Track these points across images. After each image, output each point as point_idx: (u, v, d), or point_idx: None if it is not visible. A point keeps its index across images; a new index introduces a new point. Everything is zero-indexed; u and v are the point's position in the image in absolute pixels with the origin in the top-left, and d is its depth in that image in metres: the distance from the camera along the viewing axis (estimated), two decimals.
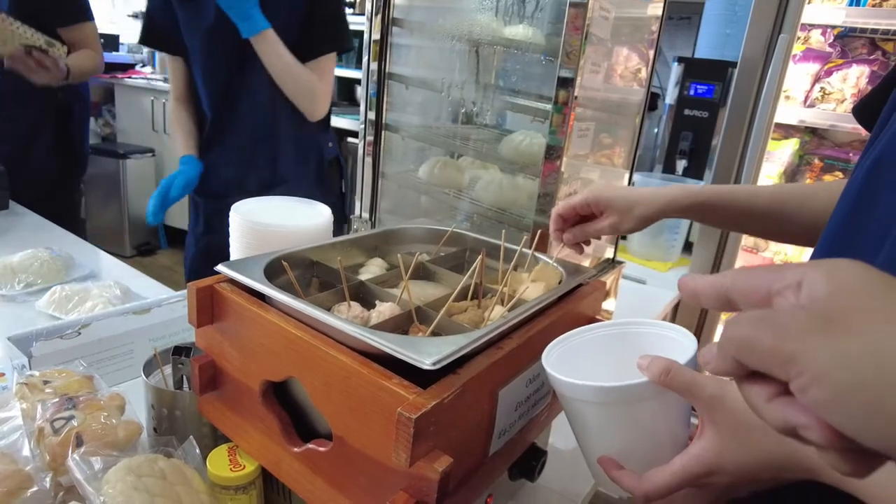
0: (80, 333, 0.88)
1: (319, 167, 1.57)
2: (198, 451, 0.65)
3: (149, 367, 0.75)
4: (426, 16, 1.06)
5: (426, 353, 0.47)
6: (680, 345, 0.52)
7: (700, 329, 1.97)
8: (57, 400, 0.66)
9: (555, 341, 0.57)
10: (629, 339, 0.57)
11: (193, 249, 1.61)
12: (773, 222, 0.71)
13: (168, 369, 0.76)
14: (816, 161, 1.93)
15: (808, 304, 0.27)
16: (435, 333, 0.59)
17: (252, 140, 1.45)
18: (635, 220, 0.73)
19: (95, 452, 0.60)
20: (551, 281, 0.71)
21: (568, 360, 0.55)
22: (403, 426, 0.43)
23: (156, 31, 1.45)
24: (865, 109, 0.60)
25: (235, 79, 1.38)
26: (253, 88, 1.38)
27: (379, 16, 1.03)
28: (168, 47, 1.45)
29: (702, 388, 0.44)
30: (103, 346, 0.91)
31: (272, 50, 1.29)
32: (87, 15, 1.97)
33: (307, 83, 1.36)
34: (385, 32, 1.03)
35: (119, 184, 3.67)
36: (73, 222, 2.20)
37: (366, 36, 1.07)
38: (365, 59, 1.08)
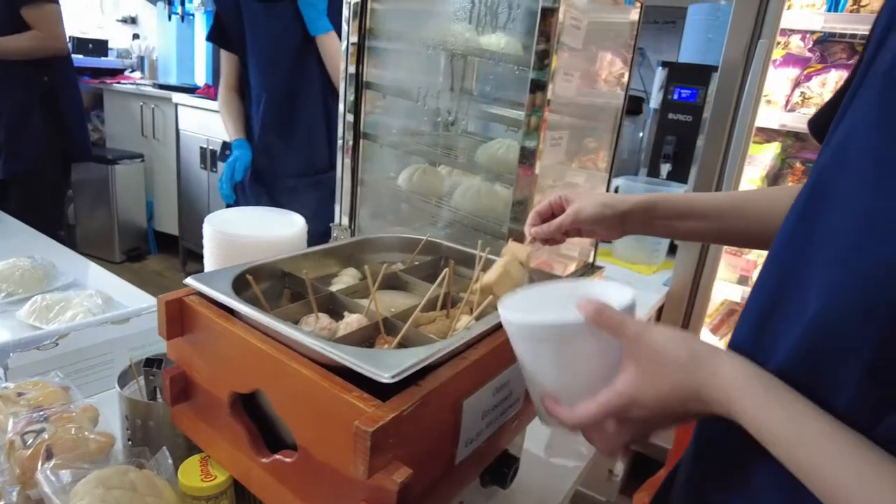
0: (57, 344, 0.88)
1: None
2: (170, 461, 0.66)
3: (124, 378, 0.75)
4: (402, 24, 1.07)
5: (386, 365, 0.48)
6: (618, 294, 0.55)
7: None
8: (28, 413, 0.66)
9: (508, 295, 0.59)
10: (578, 295, 0.58)
11: None
12: (735, 225, 0.72)
13: (143, 380, 0.76)
14: (798, 164, 1.95)
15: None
16: (402, 345, 0.60)
17: (308, 130, 1.63)
18: (597, 205, 0.73)
19: (66, 465, 0.61)
20: (520, 255, 0.71)
21: (521, 310, 0.57)
22: (361, 439, 0.44)
23: (223, 30, 1.63)
24: (820, 122, 0.61)
25: (296, 77, 1.57)
26: (311, 84, 1.58)
27: (356, 21, 1.03)
28: (231, 46, 1.64)
29: (628, 327, 0.48)
30: (81, 356, 0.91)
31: (336, 48, 1.47)
32: None
33: None
34: (362, 39, 1.04)
35: (108, 189, 3.66)
36: (59, 227, 2.22)
37: (343, 41, 1.08)
38: (343, 64, 1.09)
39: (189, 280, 0.61)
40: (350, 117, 1.11)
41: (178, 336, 0.63)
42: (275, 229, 0.80)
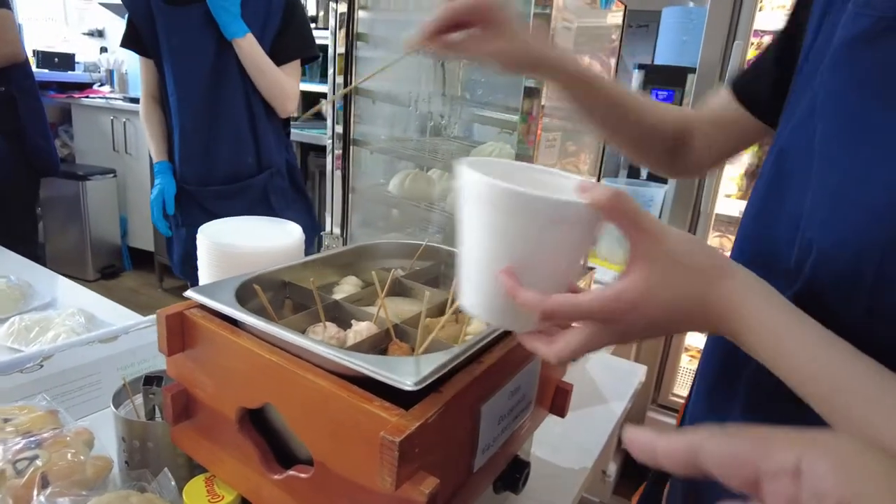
0: (42, 366, 0.84)
1: (290, 166, 1.70)
2: (173, 483, 0.63)
3: (118, 398, 0.72)
4: (389, 30, 1.06)
5: (406, 373, 0.46)
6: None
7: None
8: (19, 439, 0.63)
9: (470, 159, 0.48)
10: (549, 183, 0.50)
11: (185, 232, 1.68)
12: (615, 115, 0.69)
13: (138, 399, 0.73)
14: None
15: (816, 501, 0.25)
16: (414, 351, 0.59)
17: (233, 134, 1.58)
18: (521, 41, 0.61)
19: (63, 493, 0.58)
20: None
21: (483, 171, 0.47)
22: (387, 450, 0.42)
23: (136, 36, 1.58)
24: (750, 88, 0.63)
25: (214, 81, 1.53)
26: (231, 88, 1.54)
27: (343, 30, 1.02)
28: (144, 50, 1.60)
29: (648, 220, 0.41)
30: (68, 377, 0.87)
31: (253, 51, 1.47)
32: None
33: (280, 82, 1.54)
34: (350, 46, 1.02)
35: (80, 206, 3.56)
36: (30, 244, 2.14)
37: (330, 50, 1.06)
38: (330, 72, 1.07)
39: (190, 293, 0.59)
40: (339, 129, 1.09)
41: (179, 351, 0.60)
42: (272, 239, 0.78)
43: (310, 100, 3.55)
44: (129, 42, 1.62)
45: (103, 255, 3.75)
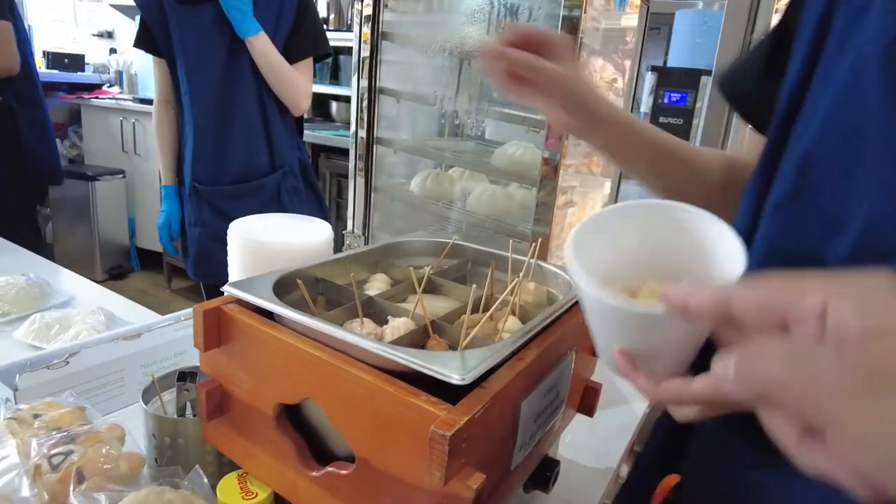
0: (68, 363, 0.84)
1: (303, 165, 1.73)
2: (205, 480, 0.63)
3: (146, 395, 0.72)
4: (415, 30, 1.06)
5: (453, 367, 0.46)
6: (726, 252, 0.44)
7: None
8: (53, 434, 0.63)
9: (584, 222, 0.48)
10: (671, 224, 0.48)
11: (199, 232, 1.68)
12: (661, 160, 0.67)
13: (166, 396, 0.73)
14: None
15: (840, 346, 0.25)
16: (451, 347, 0.59)
17: (245, 133, 1.59)
18: (584, 82, 0.61)
19: (98, 488, 0.57)
20: (538, 297, 0.70)
21: (602, 235, 0.48)
22: (437, 444, 0.42)
23: (149, 36, 1.59)
24: (735, 83, 0.61)
25: (227, 80, 1.54)
26: (244, 84, 1.54)
27: (367, 31, 1.02)
28: (157, 50, 1.60)
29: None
30: (93, 374, 0.87)
31: (266, 49, 1.48)
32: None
33: (293, 80, 1.55)
34: (374, 47, 1.02)
35: (89, 206, 3.57)
36: (38, 247, 2.15)
37: (354, 53, 1.06)
38: (354, 77, 1.07)
39: (228, 287, 0.59)
40: (362, 133, 1.09)
41: (214, 347, 0.60)
42: (303, 236, 0.78)
43: (319, 101, 3.56)
44: (141, 42, 1.63)
45: (111, 256, 3.76)
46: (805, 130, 0.48)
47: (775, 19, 1.72)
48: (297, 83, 1.56)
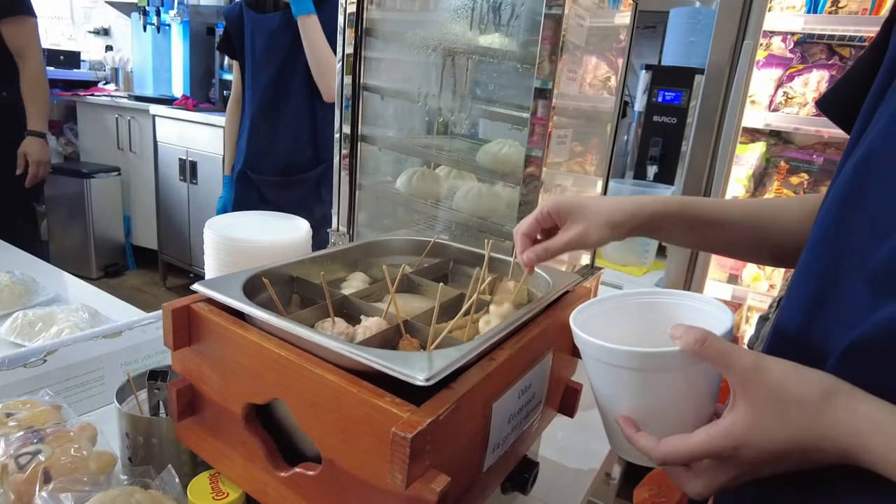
0: (45, 361, 0.83)
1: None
2: (177, 480, 0.62)
3: (122, 394, 0.71)
4: (399, 27, 1.05)
5: (418, 368, 0.45)
6: (712, 316, 0.50)
7: None
8: (21, 433, 0.62)
9: (583, 305, 0.55)
10: (660, 309, 0.55)
11: None
12: (745, 234, 0.67)
13: (142, 395, 0.72)
14: (783, 163, 1.98)
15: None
16: (423, 348, 0.58)
17: (293, 127, 1.76)
18: (603, 227, 0.64)
19: (66, 488, 0.57)
20: (519, 299, 0.69)
21: (594, 324, 0.53)
22: (399, 446, 0.41)
23: (229, 40, 1.84)
24: (834, 103, 0.60)
25: (283, 76, 1.73)
26: (297, 84, 1.73)
27: (351, 28, 1.01)
28: (233, 52, 1.86)
29: (737, 360, 0.42)
30: (71, 372, 0.86)
31: (313, 30, 1.62)
32: (25, 8, 1.94)
33: (330, 64, 1.66)
34: (358, 44, 1.01)
35: (84, 204, 3.55)
36: (34, 243, 2.14)
37: (338, 49, 1.05)
38: (339, 73, 1.06)
39: (197, 286, 0.58)
40: (347, 129, 1.08)
41: (184, 346, 0.59)
42: (279, 234, 0.77)
43: None
44: (222, 46, 1.92)
45: (107, 254, 3.75)
46: (868, 134, 0.47)
47: (768, 17, 1.71)
48: (331, 64, 1.67)
